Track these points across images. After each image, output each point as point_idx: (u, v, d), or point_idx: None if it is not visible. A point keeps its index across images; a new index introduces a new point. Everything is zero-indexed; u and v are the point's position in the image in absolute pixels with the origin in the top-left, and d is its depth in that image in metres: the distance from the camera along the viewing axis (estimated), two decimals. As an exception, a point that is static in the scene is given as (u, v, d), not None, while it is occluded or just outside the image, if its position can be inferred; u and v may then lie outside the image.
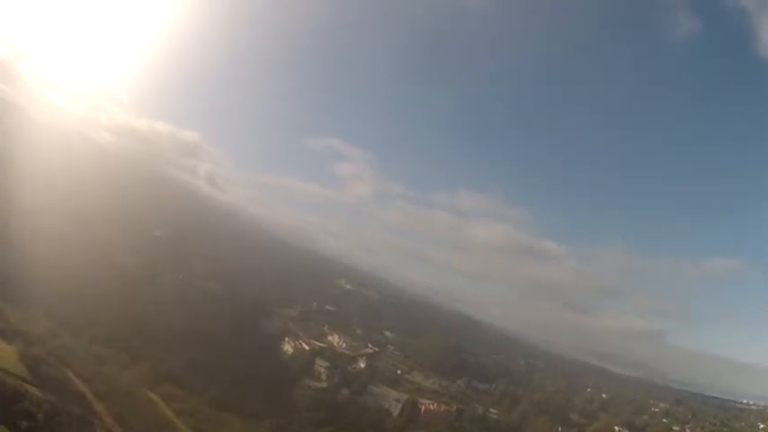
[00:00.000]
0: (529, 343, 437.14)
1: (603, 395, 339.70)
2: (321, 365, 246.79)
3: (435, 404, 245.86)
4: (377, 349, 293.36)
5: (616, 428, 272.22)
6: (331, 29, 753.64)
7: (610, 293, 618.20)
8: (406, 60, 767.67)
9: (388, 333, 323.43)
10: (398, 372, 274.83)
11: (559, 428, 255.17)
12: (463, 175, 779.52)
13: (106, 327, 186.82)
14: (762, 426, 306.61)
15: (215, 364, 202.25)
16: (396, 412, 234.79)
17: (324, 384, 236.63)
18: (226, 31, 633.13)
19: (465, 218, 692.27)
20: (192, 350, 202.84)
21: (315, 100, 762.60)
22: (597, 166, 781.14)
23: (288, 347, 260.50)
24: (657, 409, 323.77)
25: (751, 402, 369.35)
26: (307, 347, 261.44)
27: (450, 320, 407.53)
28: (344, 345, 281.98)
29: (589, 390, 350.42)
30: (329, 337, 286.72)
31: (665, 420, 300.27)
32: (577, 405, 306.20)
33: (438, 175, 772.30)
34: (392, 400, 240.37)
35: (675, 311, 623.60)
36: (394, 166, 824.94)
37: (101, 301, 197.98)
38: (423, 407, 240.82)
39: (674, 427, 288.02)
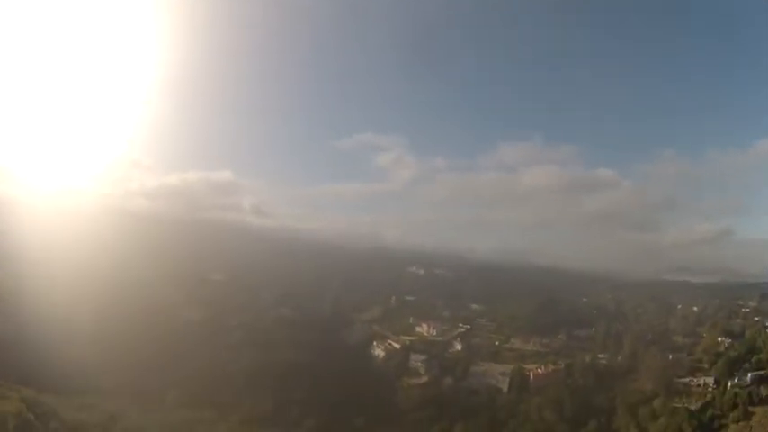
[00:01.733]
0: (607, 276, 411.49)
1: (694, 308, 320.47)
2: (417, 360, 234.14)
3: (542, 367, 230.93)
4: (468, 326, 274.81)
5: (719, 340, 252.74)
6: (331, 25, 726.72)
7: (669, 205, 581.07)
8: (413, 34, 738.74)
9: (474, 306, 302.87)
10: (496, 343, 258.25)
11: (669, 356, 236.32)
12: (498, 131, 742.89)
13: (184, 388, 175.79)
14: None
15: (307, 392, 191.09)
16: (505, 387, 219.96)
17: (424, 378, 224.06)
18: (227, 61, 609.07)
19: (511, 171, 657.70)
20: (280, 384, 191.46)
21: (335, 101, 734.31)
22: (626, 79, 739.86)
23: (378, 351, 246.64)
24: (748, 309, 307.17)
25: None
26: (397, 345, 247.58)
27: (528, 275, 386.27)
28: (434, 331, 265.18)
29: (679, 307, 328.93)
30: (417, 328, 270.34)
31: (756, 318, 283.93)
32: (675, 326, 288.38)
33: (474, 139, 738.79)
34: (498, 375, 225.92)
35: (737, 205, 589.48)
36: (430, 143, 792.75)
37: (172, 362, 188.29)
38: (531, 373, 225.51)
39: (767, 323, 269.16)
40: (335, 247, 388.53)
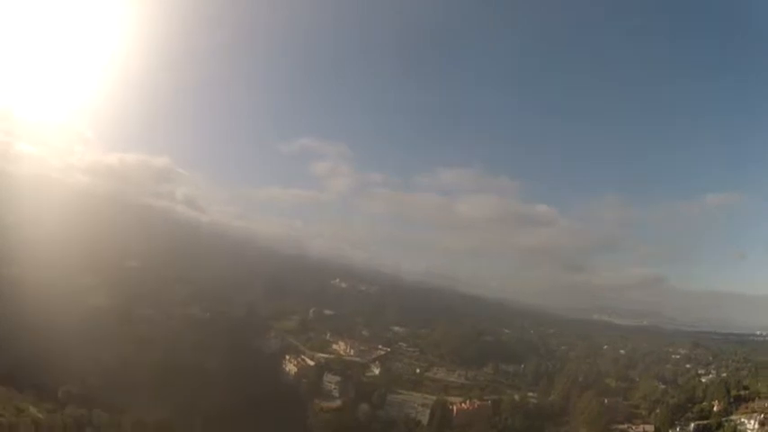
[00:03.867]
0: (530, 310, 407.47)
1: (621, 351, 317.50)
2: (331, 381, 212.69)
3: (467, 401, 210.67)
4: (388, 349, 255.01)
5: (655, 385, 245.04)
6: (283, 29, 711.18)
7: (607, 248, 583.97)
8: (363, 48, 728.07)
9: (396, 328, 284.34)
10: (417, 370, 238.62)
11: (605, 401, 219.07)
12: (440, 153, 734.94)
13: (78, 382, 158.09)
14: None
15: (210, 401, 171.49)
16: (425, 420, 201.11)
17: (338, 402, 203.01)
18: (177, 50, 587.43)
19: (450, 196, 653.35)
20: (181, 390, 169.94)
21: (279, 103, 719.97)
22: (572, 118, 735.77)
23: (290, 366, 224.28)
24: (678, 356, 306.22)
25: (765, 333, 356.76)
26: (311, 362, 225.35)
27: (453, 302, 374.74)
28: (352, 351, 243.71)
29: (606, 347, 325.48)
30: (334, 346, 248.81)
31: (687, 366, 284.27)
32: (606, 369, 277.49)
33: (416, 158, 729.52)
34: (418, 406, 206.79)
35: (674, 255, 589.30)
36: (370, 156, 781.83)
37: (71, 352, 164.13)
38: (454, 407, 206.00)
39: (700, 371, 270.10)
40: (263, 249, 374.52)
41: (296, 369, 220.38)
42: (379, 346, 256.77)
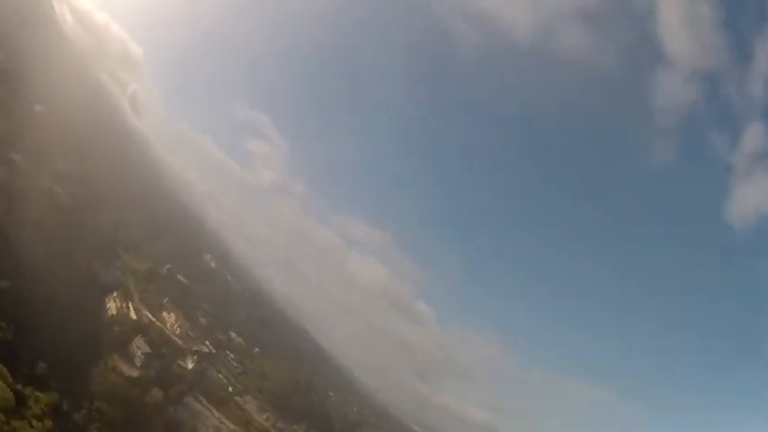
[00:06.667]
0: (368, 393, 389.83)
1: None
2: (140, 347, 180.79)
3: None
4: (214, 351, 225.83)
5: None
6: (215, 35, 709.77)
7: (461, 374, 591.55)
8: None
9: (233, 334, 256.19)
10: (230, 389, 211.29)
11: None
12: (361, 206, 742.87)
13: None
14: None
15: None
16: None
17: (135, 373, 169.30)
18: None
19: (352, 248, 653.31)
20: None
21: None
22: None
23: (112, 306, 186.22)
24: None
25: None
26: (134, 316, 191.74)
27: (302, 343, 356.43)
28: (178, 330, 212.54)
29: None
30: (164, 314, 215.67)
31: None
32: None
33: (339, 196, 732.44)
34: (210, 427, 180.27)
35: (513, 409, 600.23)
36: (302, 158, 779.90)
37: None
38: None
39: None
40: (168, 188, 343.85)
41: (115, 312, 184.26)
42: (207, 342, 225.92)
